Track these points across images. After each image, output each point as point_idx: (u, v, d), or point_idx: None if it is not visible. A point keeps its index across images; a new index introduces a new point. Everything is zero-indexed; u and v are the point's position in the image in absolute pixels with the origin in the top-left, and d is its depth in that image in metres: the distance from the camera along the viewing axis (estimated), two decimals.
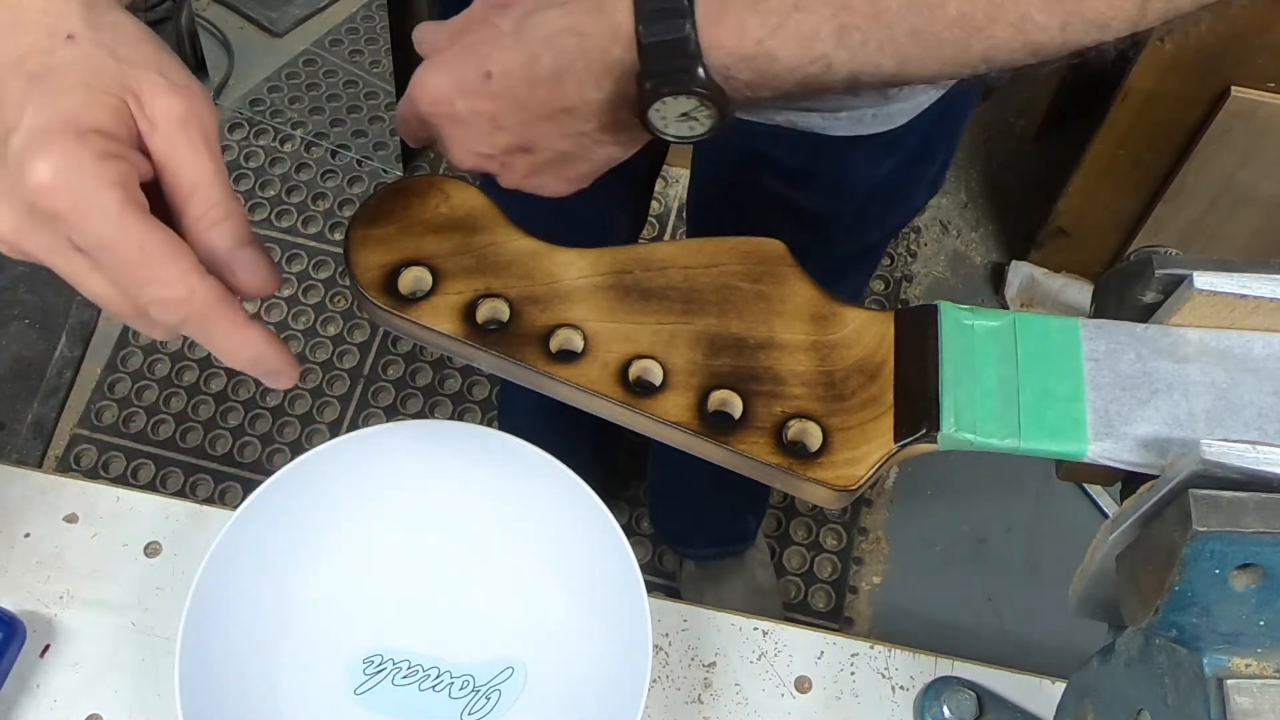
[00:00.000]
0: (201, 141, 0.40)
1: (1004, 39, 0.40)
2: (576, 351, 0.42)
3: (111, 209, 0.37)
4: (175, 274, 0.38)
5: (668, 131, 0.44)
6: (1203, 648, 0.34)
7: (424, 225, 0.44)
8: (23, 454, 1.57)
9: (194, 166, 0.40)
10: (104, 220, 0.37)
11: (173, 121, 0.39)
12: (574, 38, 0.43)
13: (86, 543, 0.65)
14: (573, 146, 0.47)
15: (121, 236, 0.37)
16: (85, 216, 0.37)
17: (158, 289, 0.38)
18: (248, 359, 0.41)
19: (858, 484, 0.40)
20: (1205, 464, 0.34)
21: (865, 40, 0.41)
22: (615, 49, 0.43)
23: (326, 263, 1.76)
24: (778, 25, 0.41)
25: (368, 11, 2.07)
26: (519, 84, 0.44)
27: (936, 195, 1.92)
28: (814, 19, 0.41)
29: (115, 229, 0.37)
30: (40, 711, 0.60)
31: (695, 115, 0.43)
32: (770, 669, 0.63)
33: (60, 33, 0.39)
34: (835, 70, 0.42)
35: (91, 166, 0.37)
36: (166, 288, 0.38)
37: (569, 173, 0.49)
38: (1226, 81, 1.36)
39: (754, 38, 0.41)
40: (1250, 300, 0.39)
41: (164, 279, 0.38)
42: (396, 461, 0.60)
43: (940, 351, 0.41)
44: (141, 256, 0.38)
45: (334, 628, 0.59)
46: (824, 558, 1.55)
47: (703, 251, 0.44)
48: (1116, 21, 0.40)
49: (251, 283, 0.41)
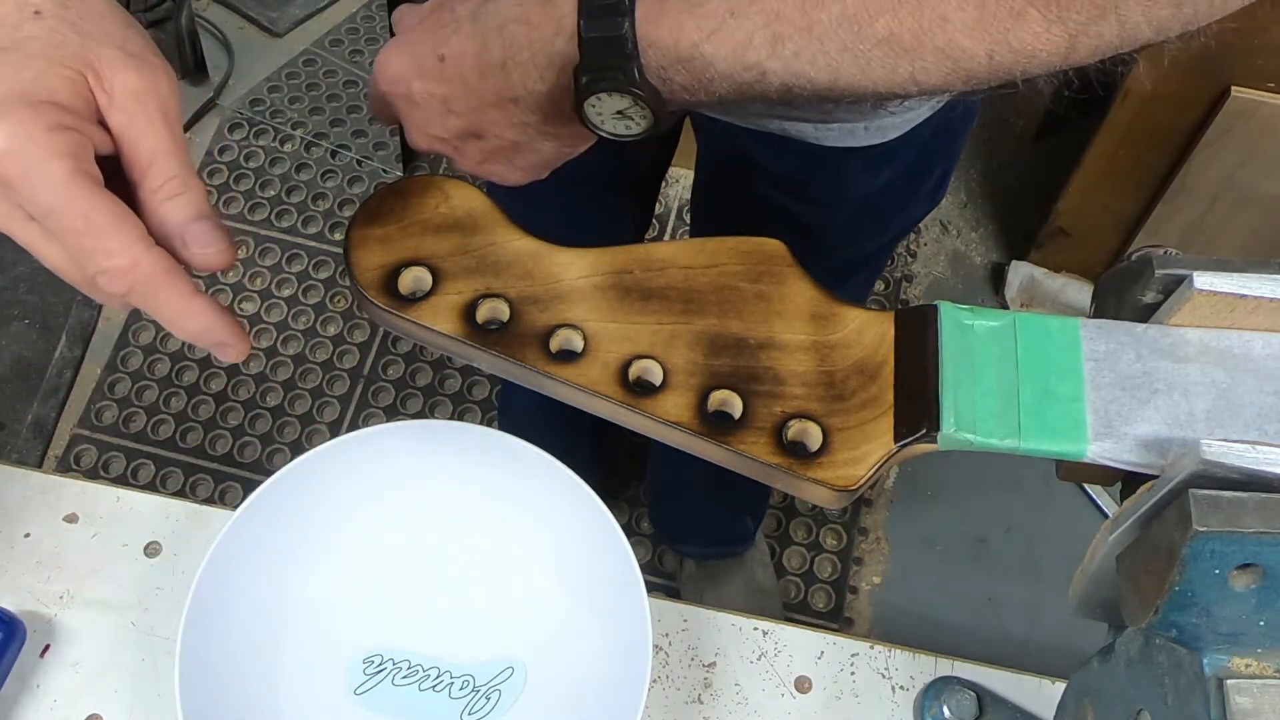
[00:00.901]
0: (159, 115, 0.40)
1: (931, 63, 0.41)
2: (576, 351, 0.42)
3: (59, 178, 0.38)
4: (120, 244, 0.39)
5: (603, 128, 0.44)
6: (1203, 648, 0.34)
7: (424, 225, 0.44)
8: (23, 454, 1.57)
9: (151, 140, 0.40)
10: (51, 189, 0.38)
11: (130, 95, 0.40)
12: (522, 27, 0.44)
13: (86, 543, 0.65)
14: (519, 136, 0.47)
15: (68, 205, 0.38)
16: (34, 184, 0.38)
17: (103, 258, 0.39)
18: (196, 330, 0.42)
19: (858, 484, 0.40)
20: (1205, 464, 0.34)
21: (798, 52, 0.41)
22: (559, 41, 0.43)
23: (326, 263, 1.76)
24: (714, 30, 0.41)
25: (368, 11, 2.07)
26: (470, 69, 0.45)
27: None
28: (748, 26, 0.41)
29: (62, 198, 0.38)
30: (40, 711, 0.60)
31: (629, 114, 0.43)
32: (770, 669, 0.63)
33: (29, 8, 0.40)
34: (769, 79, 0.42)
35: (41, 137, 0.38)
36: (110, 257, 0.39)
37: (519, 162, 0.49)
38: (1226, 81, 1.36)
39: (690, 40, 0.42)
40: (1250, 300, 0.39)
41: (108, 248, 0.39)
42: (396, 461, 0.60)
43: (940, 351, 0.41)
44: (87, 225, 0.38)
45: (334, 628, 0.59)
46: (824, 558, 1.55)
47: (703, 251, 0.44)
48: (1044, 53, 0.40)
49: (206, 255, 0.41)
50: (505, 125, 0.47)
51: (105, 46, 0.40)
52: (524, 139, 0.48)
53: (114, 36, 0.41)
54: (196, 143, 1.89)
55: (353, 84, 1.97)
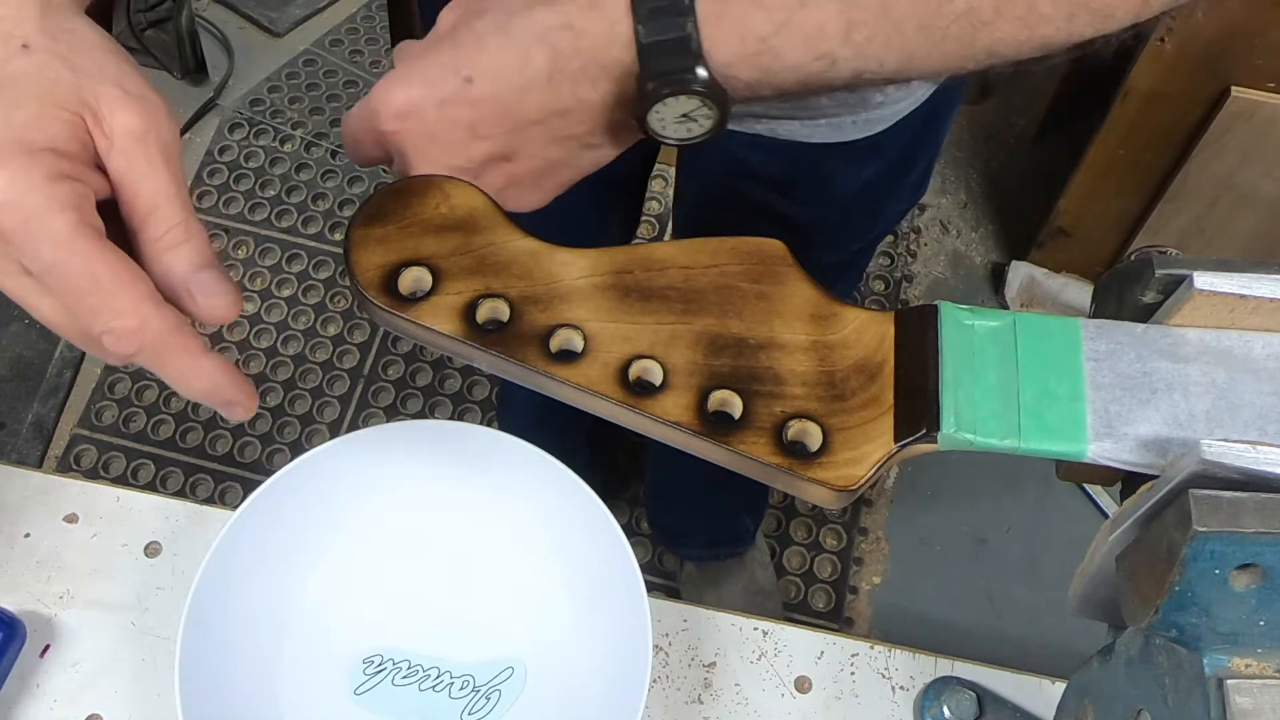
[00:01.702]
0: (160, 158, 0.38)
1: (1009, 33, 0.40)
2: (576, 351, 0.42)
3: (62, 233, 0.35)
4: (128, 303, 0.36)
5: (665, 134, 0.43)
6: (1203, 648, 0.34)
7: (424, 225, 0.44)
8: (23, 454, 1.57)
9: (152, 185, 0.38)
10: (54, 245, 0.35)
11: (130, 137, 0.38)
12: (568, 35, 0.42)
13: (86, 543, 0.65)
14: (560, 152, 0.45)
15: (72, 262, 0.36)
16: (35, 240, 0.35)
17: (110, 318, 0.36)
18: (203, 390, 0.40)
19: (858, 484, 0.40)
20: (1205, 464, 0.34)
21: (871, 36, 0.40)
22: (614, 48, 0.41)
23: (326, 263, 1.76)
24: (783, 22, 0.40)
25: (368, 11, 2.07)
26: (506, 87, 0.42)
27: (937, 195, 1.92)
28: (820, 15, 0.40)
29: (66, 254, 0.35)
30: (40, 711, 0.60)
31: (695, 116, 0.42)
32: (770, 669, 0.63)
33: (15, 41, 0.37)
34: (839, 68, 0.41)
35: (43, 188, 0.35)
36: (118, 317, 0.36)
37: (547, 182, 0.47)
38: (1226, 81, 1.36)
39: (757, 35, 0.40)
40: (1250, 300, 0.39)
41: (116, 308, 0.36)
42: (397, 461, 0.60)
43: (940, 352, 0.41)
44: (93, 284, 0.36)
45: (334, 628, 0.59)
46: (824, 558, 1.55)
47: (703, 251, 0.44)
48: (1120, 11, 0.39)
49: (212, 308, 0.39)
50: (545, 142, 0.44)
51: (102, 84, 0.38)
52: (564, 154, 0.45)
53: (109, 72, 0.38)
54: (196, 143, 1.89)
55: (353, 84, 1.97)
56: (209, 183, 1.83)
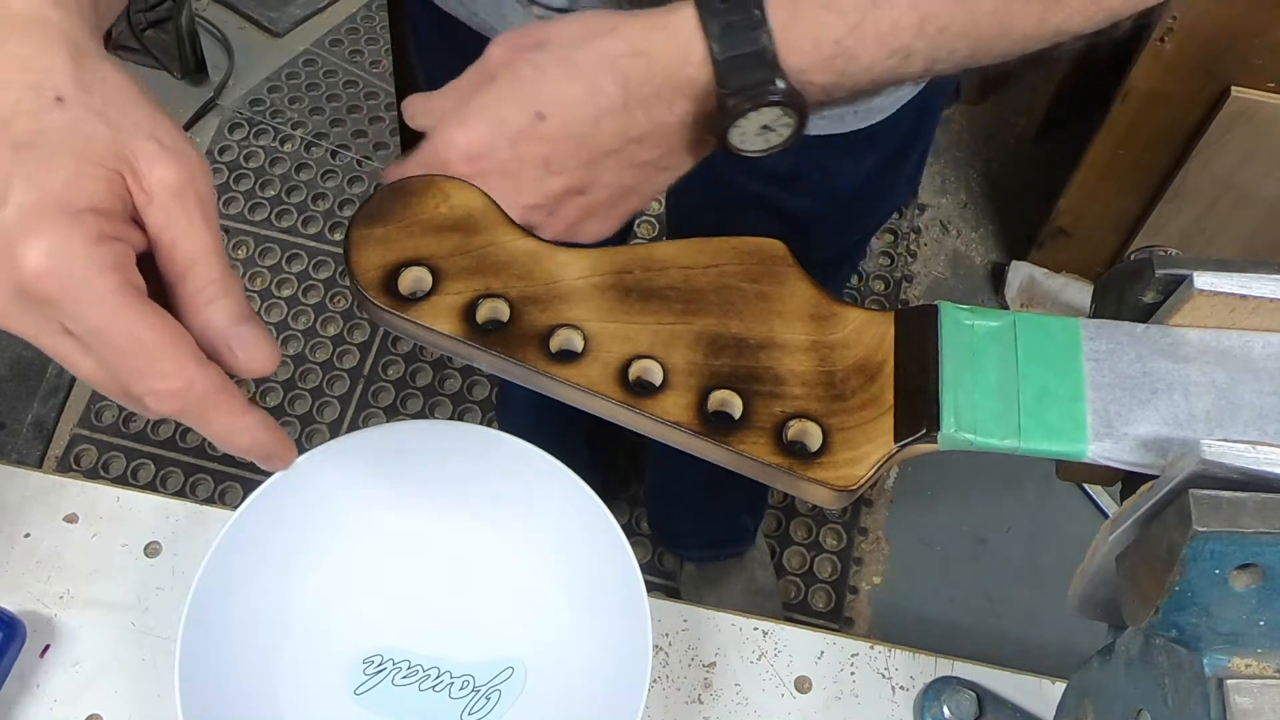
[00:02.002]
0: (198, 213, 0.38)
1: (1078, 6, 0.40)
2: (576, 351, 0.42)
3: (107, 297, 0.35)
4: (173, 365, 0.36)
5: (745, 147, 0.43)
6: (1203, 648, 0.34)
7: (424, 225, 0.44)
8: (23, 454, 1.57)
9: (191, 240, 0.38)
10: (99, 308, 0.35)
11: (169, 192, 0.37)
12: (640, 60, 0.41)
13: (86, 543, 0.65)
14: (636, 178, 0.45)
15: (117, 325, 0.35)
16: (79, 304, 0.35)
17: (154, 380, 0.36)
18: (244, 445, 0.40)
19: (858, 484, 0.40)
20: (1205, 464, 0.34)
21: (945, 26, 0.41)
22: (688, 68, 0.41)
23: (326, 263, 1.76)
24: (856, 23, 0.40)
25: (368, 11, 2.07)
26: (580, 119, 0.42)
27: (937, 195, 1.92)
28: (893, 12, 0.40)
29: (111, 318, 0.35)
30: (40, 711, 0.60)
31: (774, 126, 0.42)
32: (770, 669, 0.63)
33: (48, 93, 0.36)
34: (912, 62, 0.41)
35: (86, 251, 0.35)
36: (163, 379, 0.36)
37: (622, 208, 0.46)
38: (1226, 81, 1.36)
39: (832, 38, 0.40)
40: (1250, 300, 0.39)
41: (161, 370, 0.36)
42: (396, 462, 0.60)
43: (940, 351, 0.41)
44: (137, 346, 0.36)
45: (334, 628, 0.59)
46: (824, 558, 1.55)
47: (703, 251, 0.44)
48: None
49: (251, 360, 0.39)
50: (621, 170, 0.44)
51: (139, 139, 0.37)
52: (639, 180, 0.45)
53: (144, 126, 0.37)
54: (196, 143, 1.89)
55: (353, 84, 1.97)
56: None
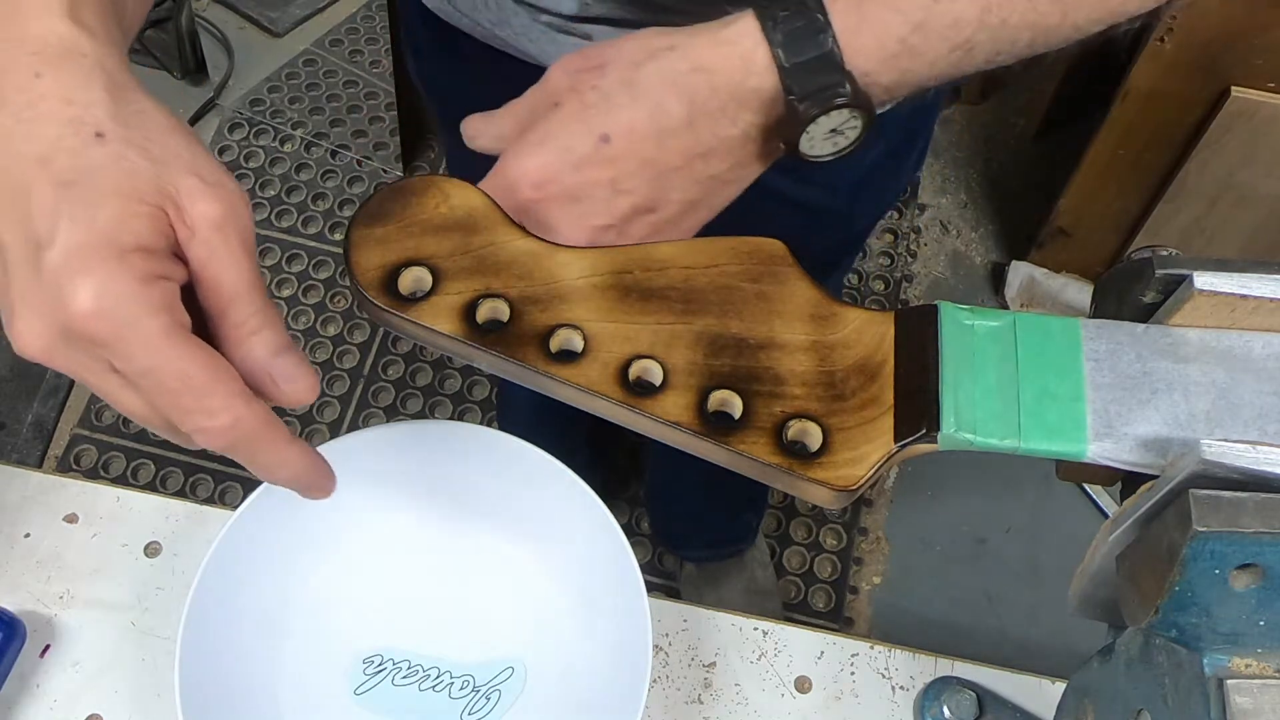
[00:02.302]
0: (240, 247, 0.38)
1: None
2: (576, 351, 0.42)
3: (156, 337, 0.35)
4: (220, 402, 0.37)
5: (814, 152, 0.43)
6: (1203, 648, 0.34)
7: (424, 225, 0.44)
8: (23, 454, 1.57)
9: (233, 273, 0.38)
10: (148, 349, 0.35)
11: (211, 227, 0.37)
12: (703, 76, 0.41)
13: (86, 543, 0.65)
14: (702, 193, 0.45)
15: (167, 365, 0.36)
16: (129, 344, 0.35)
17: (203, 418, 0.37)
18: (288, 478, 0.40)
19: (858, 484, 0.40)
20: (1205, 464, 0.34)
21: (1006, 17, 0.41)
22: (751, 79, 0.41)
23: (326, 263, 1.76)
24: (920, 21, 0.41)
25: (368, 11, 2.07)
26: (645, 140, 0.42)
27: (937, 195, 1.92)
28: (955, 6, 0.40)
29: (161, 358, 0.35)
30: (40, 711, 0.60)
31: (842, 129, 0.42)
32: (770, 669, 0.63)
33: (88, 129, 0.36)
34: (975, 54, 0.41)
35: (134, 291, 0.35)
36: (211, 417, 0.37)
37: (689, 223, 0.46)
38: (1226, 81, 1.36)
39: (896, 36, 0.41)
40: (1250, 300, 0.39)
41: (209, 408, 0.37)
42: (397, 462, 0.60)
43: (940, 351, 0.41)
44: (186, 385, 0.36)
45: (334, 628, 0.59)
46: (824, 558, 1.55)
47: (702, 251, 0.44)
48: None
49: (293, 391, 0.39)
50: (688, 186, 0.44)
51: (180, 174, 0.37)
52: (706, 194, 0.45)
53: (184, 159, 0.38)
54: None
55: (353, 84, 1.97)
56: None
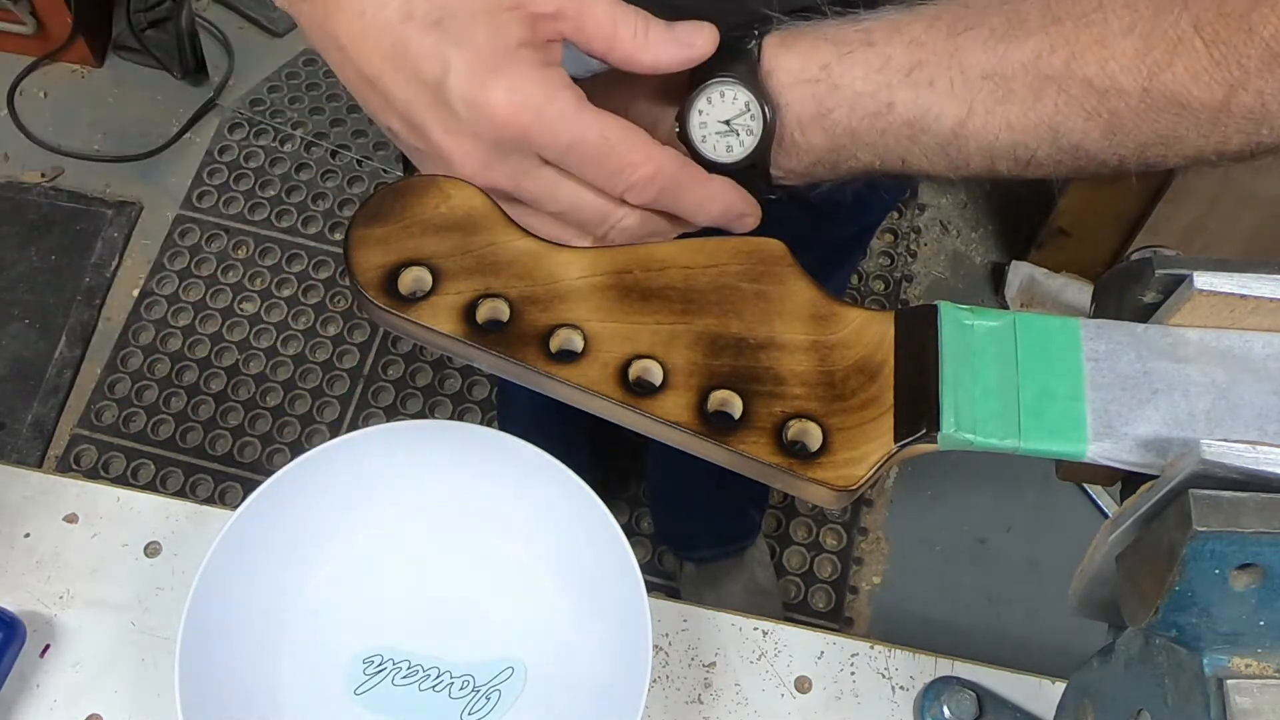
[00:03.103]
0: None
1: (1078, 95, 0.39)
2: (576, 351, 0.42)
3: (571, 110, 0.39)
4: (641, 154, 0.40)
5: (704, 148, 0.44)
6: (1203, 648, 0.34)
7: (424, 225, 0.44)
8: (23, 454, 1.57)
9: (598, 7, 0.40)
10: (567, 123, 0.39)
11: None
12: None
13: (86, 543, 0.65)
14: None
15: (587, 131, 0.39)
16: (550, 126, 0.39)
17: (630, 173, 0.40)
18: (717, 212, 0.43)
19: (858, 484, 0.40)
20: (1205, 464, 0.34)
21: (934, 79, 0.41)
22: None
23: (326, 263, 1.76)
24: (847, 52, 0.41)
25: None
26: None
27: (937, 195, 1.92)
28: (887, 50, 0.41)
29: (580, 128, 0.39)
30: (40, 711, 0.60)
31: (736, 127, 0.43)
32: (770, 669, 0.63)
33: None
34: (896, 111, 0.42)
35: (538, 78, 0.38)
36: (637, 169, 0.40)
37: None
38: None
39: (821, 60, 0.42)
40: (1250, 300, 0.39)
41: (633, 161, 0.40)
42: (396, 462, 0.60)
43: (940, 351, 0.41)
44: (608, 145, 0.39)
45: (334, 627, 0.59)
46: (824, 558, 1.55)
47: (702, 251, 0.44)
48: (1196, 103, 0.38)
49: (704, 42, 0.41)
50: None
51: None
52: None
53: None
54: (196, 143, 1.89)
55: None
56: (209, 183, 1.83)
